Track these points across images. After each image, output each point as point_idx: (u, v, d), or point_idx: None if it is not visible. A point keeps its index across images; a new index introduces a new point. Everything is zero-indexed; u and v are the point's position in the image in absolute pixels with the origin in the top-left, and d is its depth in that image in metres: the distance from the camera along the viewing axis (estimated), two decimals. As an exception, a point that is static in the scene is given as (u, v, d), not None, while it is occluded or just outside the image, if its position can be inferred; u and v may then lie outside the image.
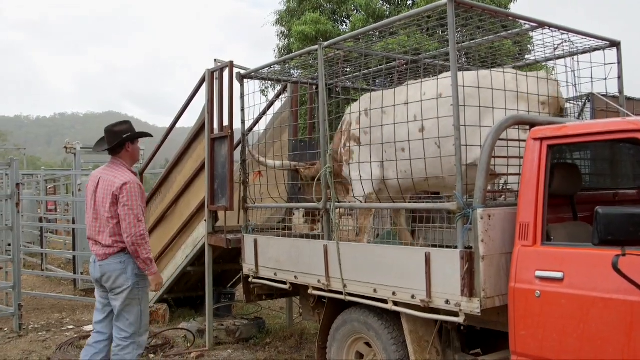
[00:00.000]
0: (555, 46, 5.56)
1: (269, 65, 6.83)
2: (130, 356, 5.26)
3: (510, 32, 5.73)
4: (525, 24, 5.22)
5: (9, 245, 10.27)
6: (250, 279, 6.60)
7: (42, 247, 14.42)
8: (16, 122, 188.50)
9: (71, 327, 8.94)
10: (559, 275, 3.80)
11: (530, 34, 5.55)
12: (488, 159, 4.17)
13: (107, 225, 5.19)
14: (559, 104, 5.22)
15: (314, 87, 7.25)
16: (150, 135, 5.93)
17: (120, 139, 5.37)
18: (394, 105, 5.44)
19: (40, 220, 15.15)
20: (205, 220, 7.61)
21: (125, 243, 5.19)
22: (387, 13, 15.39)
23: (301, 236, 6.28)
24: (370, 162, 5.77)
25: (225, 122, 7.32)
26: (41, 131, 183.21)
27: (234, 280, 9.39)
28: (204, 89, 7.82)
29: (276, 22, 18.17)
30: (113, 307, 5.33)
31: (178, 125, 8.92)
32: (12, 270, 9.21)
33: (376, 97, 5.71)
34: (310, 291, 5.68)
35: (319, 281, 5.48)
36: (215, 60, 7.88)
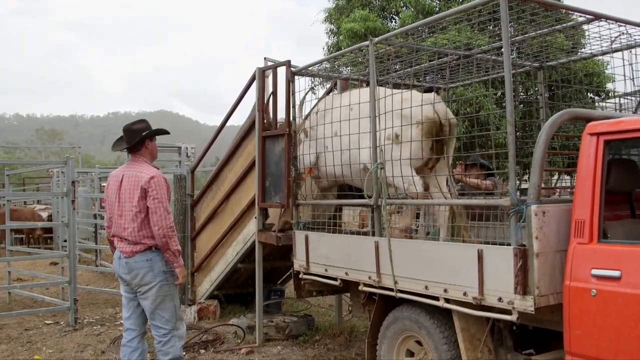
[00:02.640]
0: (612, 39, 5.44)
1: (320, 62, 6.84)
2: (174, 349, 5.34)
3: (564, 25, 5.61)
4: (580, 16, 5.11)
5: (65, 241, 10.50)
6: (301, 275, 6.62)
7: (96, 244, 14.70)
8: (71, 122, 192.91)
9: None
10: (616, 273, 3.72)
11: (585, 27, 5.43)
12: (543, 155, 4.10)
13: (134, 221, 5.22)
14: (434, 124, 5.79)
15: (364, 83, 7.22)
16: (167, 132, 5.93)
17: (140, 136, 5.44)
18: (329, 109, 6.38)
19: (95, 217, 15.43)
20: (255, 218, 7.65)
21: (152, 240, 5.25)
22: (437, 9, 15.23)
23: (352, 233, 6.28)
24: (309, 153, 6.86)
25: (280, 120, 7.34)
26: (95, 130, 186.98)
27: (284, 277, 9.43)
28: (254, 87, 7.84)
29: (325, 20, 18.15)
30: (143, 307, 5.40)
31: (228, 123, 8.98)
32: (68, 265, 9.40)
33: (325, 101, 6.70)
34: (360, 287, 5.67)
35: (369, 277, 5.47)
36: (265, 58, 7.91)
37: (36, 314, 9.53)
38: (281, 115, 7.37)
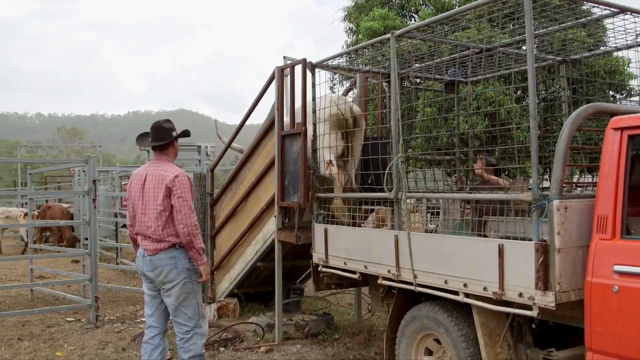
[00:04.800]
0: (638, 32, 5.38)
1: (341, 55, 6.84)
2: (195, 346, 5.37)
3: (588, 18, 5.56)
4: (604, 9, 5.06)
5: (86, 239, 10.58)
6: (320, 268, 6.62)
7: (117, 242, 14.79)
8: (92, 121, 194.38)
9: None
10: (638, 270, 3.68)
11: (607, 20, 5.38)
12: (565, 150, 4.06)
13: (158, 219, 5.26)
14: (338, 120, 6.93)
15: (384, 78, 7.20)
16: (190, 135, 5.96)
17: (171, 137, 5.51)
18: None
19: (115, 215, 15.54)
20: (275, 216, 7.66)
21: (176, 238, 5.28)
22: (456, 7, 15.20)
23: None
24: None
25: (298, 119, 7.35)
26: (116, 129, 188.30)
27: (303, 275, 9.43)
28: (273, 86, 7.85)
29: (344, 19, 18.18)
30: (167, 304, 5.43)
31: (247, 122, 9.00)
32: (89, 263, 9.46)
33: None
34: (380, 281, 5.66)
35: (389, 271, 5.46)
36: (284, 57, 7.92)
37: (58, 311, 9.61)
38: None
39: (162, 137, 5.50)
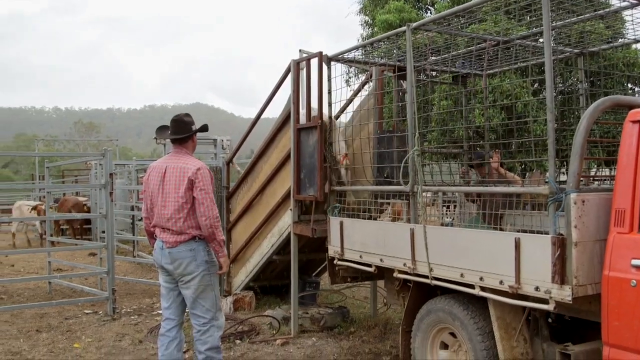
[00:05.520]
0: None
1: (357, 48, 6.82)
2: (212, 338, 5.42)
3: (606, 10, 5.52)
4: (623, 0, 5.01)
5: (103, 232, 10.66)
6: (335, 261, 6.63)
7: (133, 235, 14.88)
8: (108, 115, 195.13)
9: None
10: (657, 264, 3.66)
11: (625, 12, 5.33)
12: (583, 142, 4.04)
13: (180, 211, 5.28)
14: None
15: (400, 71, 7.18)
16: (207, 129, 5.97)
17: (191, 130, 5.56)
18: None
19: (132, 208, 15.62)
20: (290, 210, 7.67)
21: (196, 231, 5.32)
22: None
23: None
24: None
25: (314, 112, 7.34)
26: (132, 123, 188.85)
27: (319, 269, 9.45)
28: (289, 79, 7.85)
29: (359, 12, 18.11)
30: (185, 297, 5.46)
31: (263, 116, 9.01)
32: (106, 256, 9.53)
33: None
34: (395, 274, 5.66)
35: (404, 264, 5.46)
36: (300, 50, 7.90)
37: (75, 304, 9.70)
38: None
39: (182, 130, 5.54)
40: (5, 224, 25.64)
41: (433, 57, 6.96)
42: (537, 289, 4.17)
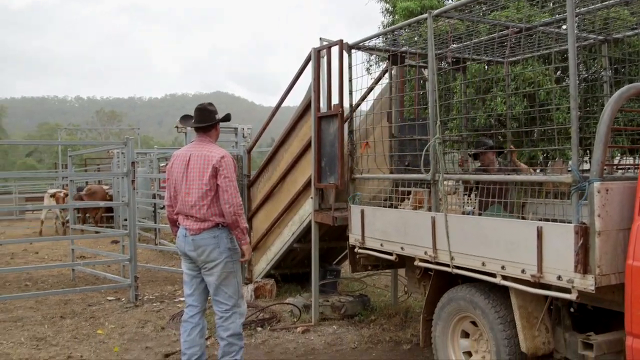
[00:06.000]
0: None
1: (377, 36, 6.80)
2: (234, 325, 5.47)
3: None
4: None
5: (125, 220, 10.74)
6: (356, 250, 6.63)
7: (155, 223, 14.98)
8: (130, 104, 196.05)
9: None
10: (681, 253, 3.62)
11: None
12: (607, 131, 3.99)
13: (204, 199, 5.32)
14: None
15: (421, 59, 7.14)
16: (230, 119, 6.01)
17: (214, 119, 5.60)
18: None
19: (154, 196, 15.72)
20: (311, 198, 7.68)
21: (219, 218, 5.36)
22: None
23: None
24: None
25: (335, 101, 7.33)
26: (153, 112, 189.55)
27: (340, 257, 9.46)
28: (309, 67, 7.83)
29: (380, -1, 17.98)
30: (208, 283, 5.52)
31: (283, 104, 9.01)
32: (129, 244, 9.62)
33: None
34: (416, 263, 5.64)
35: (425, 253, 5.45)
36: (320, 39, 7.89)
37: (98, 291, 9.82)
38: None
39: (206, 119, 5.58)
40: (29, 212, 25.99)
41: (454, 45, 6.91)
42: (559, 278, 4.14)
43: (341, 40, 7.07)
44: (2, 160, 68.72)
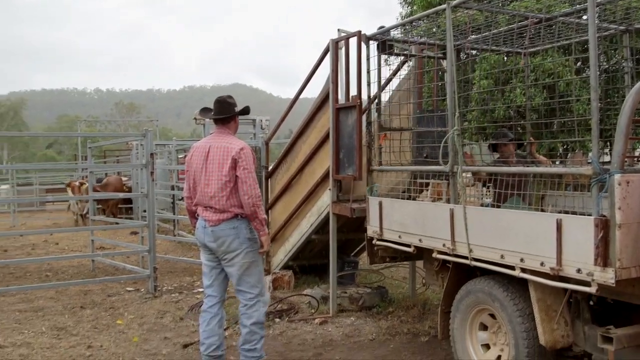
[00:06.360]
0: None
1: (396, 27, 6.76)
2: (258, 313, 5.54)
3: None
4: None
5: (144, 211, 10.81)
6: (374, 241, 6.62)
7: (174, 214, 15.06)
8: (148, 95, 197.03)
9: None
10: (703, 246, 3.57)
11: None
12: (628, 122, 3.95)
13: (223, 190, 5.37)
14: None
15: (440, 50, 7.10)
16: (249, 112, 6.05)
17: (233, 112, 5.65)
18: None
19: (172, 188, 15.80)
20: (329, 189, 7.67)
21: (238, 209, 5.41)
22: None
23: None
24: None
25: (353, 92, 7.31)
26: (171, 103, 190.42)
27: (358, 248, 9.45)
28: (327, 59, 7.81)
29: (398, -11, 17.87)
30: (229, 274, 5.59)
31: (301, 96, 9.00)
32: (148, 235, 9.68)
33: None
34: (434, 255, 5.62)
35: (444, 245, 5.42)
36: (338, 30, 7.86)
37: (118, 281, 9.89)
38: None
39: (225, 111, 5.64)
40: (50, 203, 26.23)
41: (473, 36, 6.86)
42: (579, 271, 4.11)
43: (359, 32, 7.04)
44: (23, 152, 69.51)
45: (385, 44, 6.79)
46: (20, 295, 9.20)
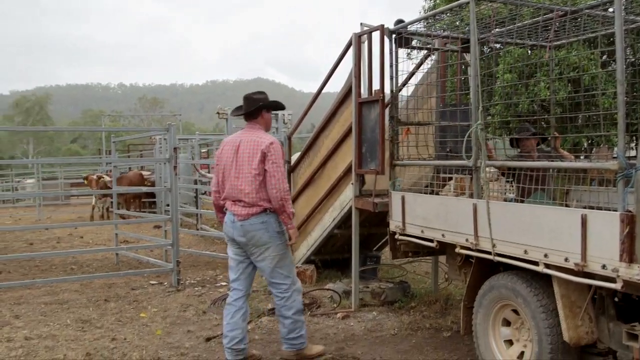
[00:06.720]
0: None
1: (418, 20, 6.73)
2: (296, 302, 5.73)
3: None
4: None
5: (168, 205, 10.90)
6: (396, 236, 6.60)
7: (197, 208, 15.15)
8: (171, 90, 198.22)
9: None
10: None
11: None
12: (653, 116, 3.90)
13: (251, 183, 5.47)
14: None
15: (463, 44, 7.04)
16: (283, 107, 6.20)
17: (257, 105, 5.73)
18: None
19: (195, 182, 15.89)
20: (352, 184, 7.66)
21: (267, 203, 5.51)
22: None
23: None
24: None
25: (376, 86, 7.28)
26: (194, 98, 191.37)
27: (380, 243, 9.43)
28: (350, 53, 7.79)
29: (421, -18, 17.77)
30: (261, 269, 5.71)
31: (324, 90, 8.98)
32: (171, 229, 9.75)
33: None
34: (457, 250, 5.59)
35: (467, 240, 5.39)
36: (361, 24, 7.83)
37: (141, 275, 9.98)
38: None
39: (250, 106, 5.76)
40: (74, 197, 26.51)
41: (497, 29, 6.80)
42: (604, 267, 4.07)
43: (382, 25, 7.01)
44: (48, 146, 70.33)
45: (402, 38, 6.77)
46: (46, 288, 9.31)
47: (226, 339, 5.67)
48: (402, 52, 6.88)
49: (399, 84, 6.89)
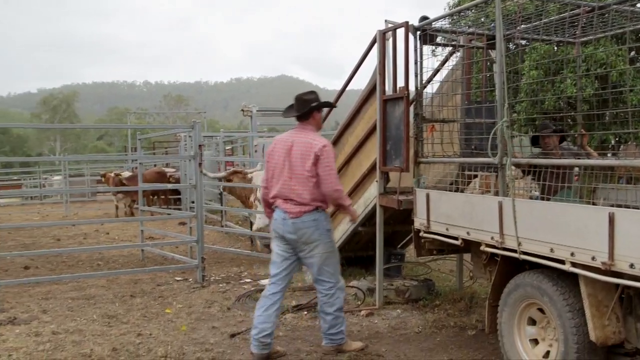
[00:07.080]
0: None
1: (443, 17, 6.70)
2: (338, 300, 5.91)
3: None
4: None
5: (193, 202, 10.95)
6: (421, 234, 6.58)
7: (221, 205, 15.22)
8: (196, 88, 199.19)
9: (248, 280, 9.40)
10: None
11: None
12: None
13: (305, 184, 5.63)
14: None
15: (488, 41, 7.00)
16: (334, 106, 6.27)
17: (309, 107, 5.82)
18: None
19: (220, 179, 15.96)
20: (376, 181, 7.64)
21: (319, 202, 5.70)
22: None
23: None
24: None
25: (400, 83, 7.26)
26: (219, 96, 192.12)
27: (404, 241, 9.40)
28: (374, 50, 7.77)
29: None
30: (310, 265, 5.87)
31: (348, 87, 8.97)
32: (196, 225, 9.81)
33: None
34: (482, 248, 5.56)
35: (492, 238, 5.35)
36: (385, 21, 7.80)
37: (167, 271, 10.05)
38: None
39: (301, 107, 5.87)
40: (101, 193, 26.78)
41: (523, 26, 6.75)
42: (632, 266, 4.02)
43: (407, 22, 6.97)
44: (75, 143, 71.13)
45: (426, 35, 6.74)
46: (73, 283, 9.42)
47: (255, 330, 5.73)
48: (427, 49, 6.86)
49: (424, 81, 6.87)
